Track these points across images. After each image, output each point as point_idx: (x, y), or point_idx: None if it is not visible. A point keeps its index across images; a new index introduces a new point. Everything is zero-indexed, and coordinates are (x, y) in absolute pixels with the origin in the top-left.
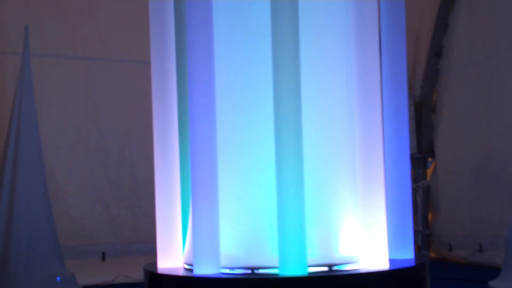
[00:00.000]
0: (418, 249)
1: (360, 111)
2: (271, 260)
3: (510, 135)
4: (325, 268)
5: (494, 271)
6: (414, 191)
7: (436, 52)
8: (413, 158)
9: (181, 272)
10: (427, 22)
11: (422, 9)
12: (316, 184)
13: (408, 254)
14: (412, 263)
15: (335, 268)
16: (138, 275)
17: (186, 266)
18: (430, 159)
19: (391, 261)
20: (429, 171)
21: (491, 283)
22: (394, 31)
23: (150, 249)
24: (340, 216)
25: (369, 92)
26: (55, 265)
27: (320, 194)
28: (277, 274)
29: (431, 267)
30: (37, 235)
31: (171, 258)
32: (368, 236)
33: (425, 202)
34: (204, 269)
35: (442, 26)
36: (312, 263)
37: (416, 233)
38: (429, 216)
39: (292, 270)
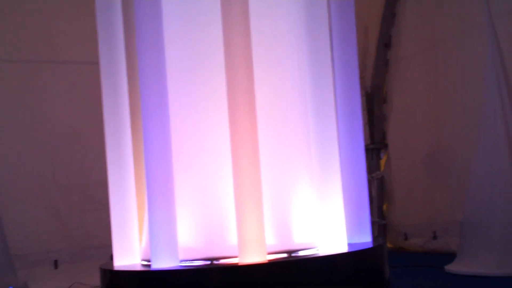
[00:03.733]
0: None
1: (313, 102)
2: (230, 250)
3: (458, 121)
4: (285, 255)
5: (449, 257)
6: (369, 183)
7: (385, 43)
8: (366, 149)
9: (139, 268)
10: (375, 13)
11: (369, 0)
12: (273, 173)
13: (365, 238)
14: (370, 245)
15: (294, 254)
16: (93, 281)
17: (144, 263)
18: (383, 150)
19: (349, 245)
20: (382, 162)
21: (447, 267)
22: (344, 24)
23: (104, 254)
24: (297, 204)
25: (322, 84)
26: (6, 275)
27: (277, 182)
28: (236, 263)
29: (388, 256)
30: None
31: (128, 257)
32: (326, 222)
33: (379, 192)
34: (162, 263)
35: (389, 16)
36: (271, 251)
37: (372, 224)
38: (384, 207)
39: (251, 257)
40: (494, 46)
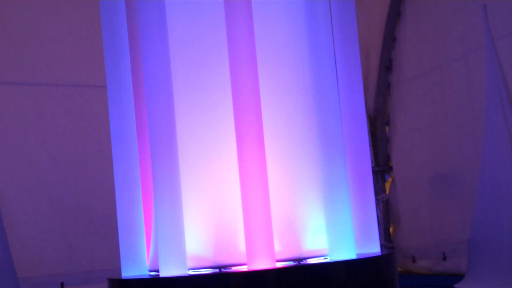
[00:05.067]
0: None
1: (320, 125)
2: (239, 257)
3: (463, 142)
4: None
5: (459, 278)
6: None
7: (386, 66)
8: None
9: (147, 277)
10: (375, 36)
11: (369, 24)
12: (281, 182)
13: (374, 248)
14: (379, 254)
15: (303, 262)
16: None
17: (152, 273)
18: (387, 172)
19: (359, 255)
20: (387, 184)
21: (457, 285)
22: (348, 46)
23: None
24: (306, 211)
25: (328, 107)
26: None
27: (286, 191)
28: (245, 270)
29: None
30: None
31: (135, 268)
32: (335, 231)
33: (385, 215)
34: (170, 271)
35: (390, 39)
36: (280, 258)
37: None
38: (391, 229)
39: (260, 264)
40: (495, 65)
